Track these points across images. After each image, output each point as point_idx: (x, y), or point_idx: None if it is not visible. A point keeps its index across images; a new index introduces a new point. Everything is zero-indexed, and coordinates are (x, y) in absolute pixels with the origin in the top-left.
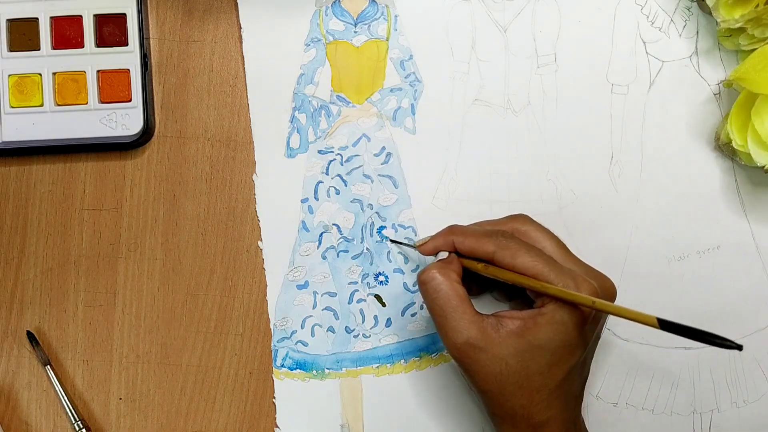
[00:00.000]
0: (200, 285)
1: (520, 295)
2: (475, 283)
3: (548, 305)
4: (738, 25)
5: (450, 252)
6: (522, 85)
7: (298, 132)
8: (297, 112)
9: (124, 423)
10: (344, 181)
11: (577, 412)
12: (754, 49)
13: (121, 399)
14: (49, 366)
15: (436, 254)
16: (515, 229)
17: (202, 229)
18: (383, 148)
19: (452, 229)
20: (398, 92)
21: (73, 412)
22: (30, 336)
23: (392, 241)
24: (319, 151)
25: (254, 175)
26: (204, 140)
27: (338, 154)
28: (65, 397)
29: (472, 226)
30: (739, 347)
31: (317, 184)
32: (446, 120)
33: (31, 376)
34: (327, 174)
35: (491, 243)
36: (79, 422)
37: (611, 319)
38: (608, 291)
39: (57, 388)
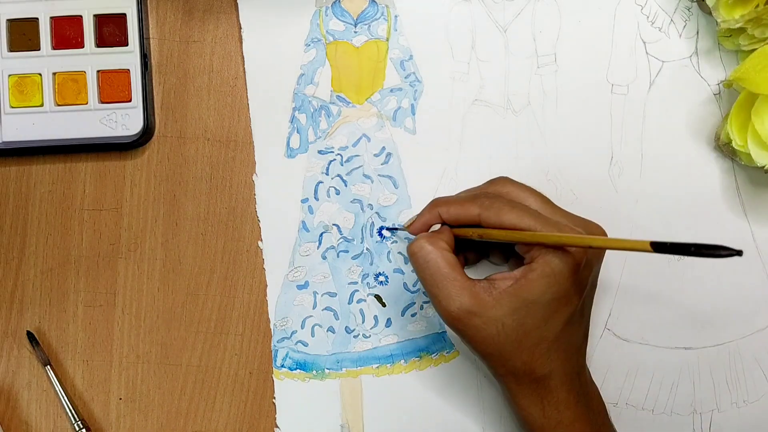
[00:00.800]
0: (200, 285)
1: (517, 256)
2: (472, 252)
3: (538, 259)
4: (738, 25)
5: (441, 225)
6: (522, 85)
7: (298, 132)
8: (297, 112)
9: (124, 423)
10: (344, 181)
11: (581, 363)
12: (754, 49)
13: (121, 399)
14: (49, 366)
15: (427, 231)
16: (497, 191)
17: (202, 229)
18: (383, 148)
19: (435, 202)
20: (398, 92)
21: (73, 412)
22: (30, 336)
23: (387, 229)
24: (319, 151)
25: (254, 175)
26: (204, 140)
27: (338, 154)
28: (65, 397)
29: (454, 195)
30: (739, 253)
31: (317, 184)
32: (446, 120)
33: (31, 376)
34: (327, 174)
35: (475, 205)
36: (79, 422)
37: (611, 319)
38: (596, 235)
39: (57, 388)
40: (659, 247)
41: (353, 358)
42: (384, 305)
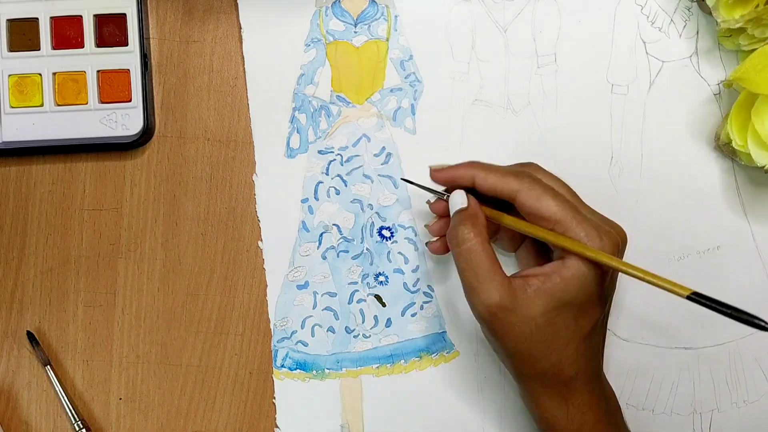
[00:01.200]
0: (200, 285)
1: (529, 248)
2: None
3: (572, 258)
4: (738, 25)
5: (467, 195)
6: (522, 85)
7: (298, 132)
8: (297, 112)
9: (124, 423)
10: (344, 182)
11: (600, 365)
12: (754, 49)
13: (121, 399)
14: (49, 366)
15: (448, 193)
16: (530, 174)
17: (202, 229)
18: (383, 148)
19: (474, 164)
20: (398, 92)
21: (73, 412)
22: (30, 336)
23: (405, 180)
24: (319, 152)
25: (254, 175)
26: (204, 140)
27: (338, 154)
28: (65, 397)
29: (494, 164)
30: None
31: (317, 185)
32: (446, 120)
33: (31, 376)
34: (327, 174)
35: (516, 182)
36: (79, 422)
37: (611, 320)
38: (623, 239)
39: (57, 388)
40: (697, 299)
41: (353, 358)
42: (384, 305)
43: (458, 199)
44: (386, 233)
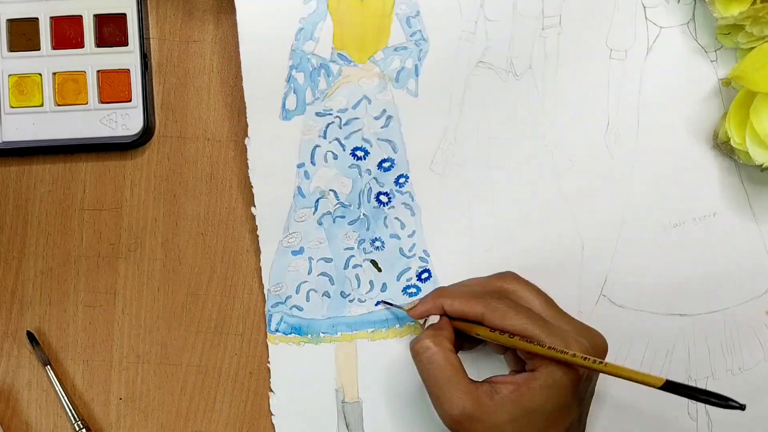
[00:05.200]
0: (200, 285)
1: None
2: (466, 340)
3: (541, 368)
4: (736, 21)
5: (441, 315)
6: (525, 48)
7: (294, 92)
8: (294, 70)
9: (124, 423)
10: (342, 146)
11: None
12: (752, 47)
13: (121, 399)
14: (49, 366)
15: (425, 319)
16: (503, 288)
17: (202, 229)
18: (384, 110)
19: (440, 292)
20: (403, 52)
21: (73, 412)
22: (30, 336)
23: (385, 303)
24: (317, 113)
25: (246, 138)
26: (204, 140)
27: (337, 116)
28: (65, 397)
29: (460, 288)
30: (742, 407)
31: (314, 149)
32: (449, 82)
33: (31, 376)
34: (324, 138)
35: (480, 305)
36: (79, 422)
37: (607, 285)
38: (599, 348)
39: (57, 388)
40: (671, 387)
41: (348, 322)
42: (380, 270)
43: (432, 319)
44: (384, 198)
